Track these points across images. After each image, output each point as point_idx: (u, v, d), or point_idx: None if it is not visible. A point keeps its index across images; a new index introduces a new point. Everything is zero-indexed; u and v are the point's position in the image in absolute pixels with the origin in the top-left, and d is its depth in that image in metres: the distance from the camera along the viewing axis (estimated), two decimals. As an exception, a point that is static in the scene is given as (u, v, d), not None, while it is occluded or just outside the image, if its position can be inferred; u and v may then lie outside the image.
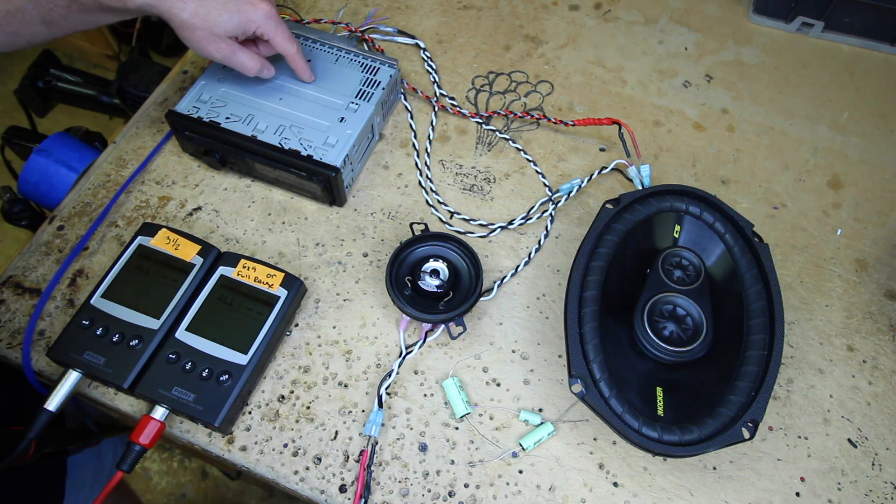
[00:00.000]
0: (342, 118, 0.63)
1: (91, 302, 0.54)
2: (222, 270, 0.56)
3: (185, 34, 0.54)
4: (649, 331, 0.52)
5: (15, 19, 0.53)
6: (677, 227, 0.58)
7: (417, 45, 0.77)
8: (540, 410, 0.55)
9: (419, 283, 0.57)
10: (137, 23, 1.66)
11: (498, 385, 0.56)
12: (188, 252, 0.57)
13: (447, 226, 0.65)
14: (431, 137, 0.70)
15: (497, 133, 0.71)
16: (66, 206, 0.64)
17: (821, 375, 0.58)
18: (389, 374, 0.55)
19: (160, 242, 0.57)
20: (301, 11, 0.80)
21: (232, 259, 0.57)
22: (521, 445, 0.53)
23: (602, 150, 0.71)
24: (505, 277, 0.61)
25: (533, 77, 0.76)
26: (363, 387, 0.56)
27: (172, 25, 0.54)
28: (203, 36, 0.54)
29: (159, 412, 0.51)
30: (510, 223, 0.64)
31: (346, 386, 0.56)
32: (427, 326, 0.58)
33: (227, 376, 0.51)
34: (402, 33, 0.78)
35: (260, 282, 0.56)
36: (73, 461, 0.71)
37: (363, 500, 0.51)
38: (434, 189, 0.67)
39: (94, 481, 0.70)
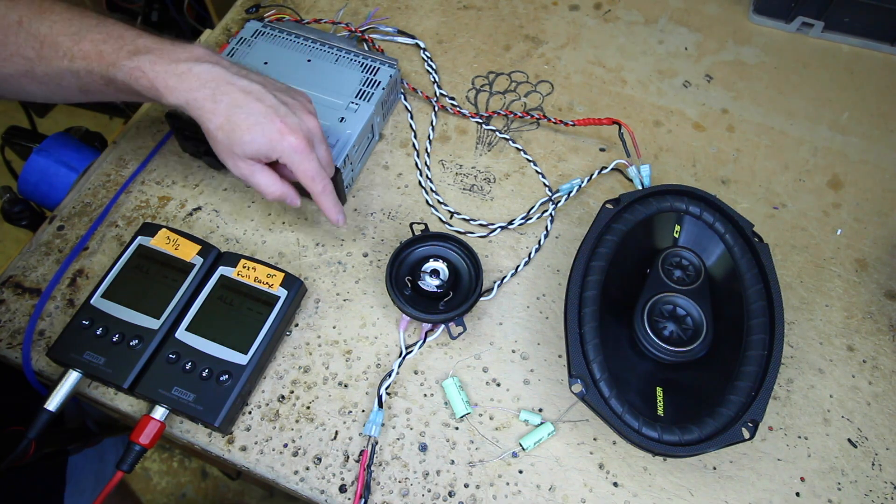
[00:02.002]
0: (342, 118, 0.63)
1: (91, 302, 0.54)
2: (222, 270, 0.56)
3: (210, 142, 0.52)
4: (649, 331, 0.52)
5: (53, 82, 0.52)
6: (677, 227, 0.58)
7: (417, 45, 0.77)
8: (540, 410, 0.55)
9: (419, 283, 0.57)
10: (137, 23, 1.66)
11: (498, 385, 0.56)
12: (188, 252, 0.57)
13: (447, 226, 0.65)
14: (431, 137, 0.70)
15: (497, 133, 0.71)
16: (66, 206, 0.64)
17: (821, 375, 0.58)
18: (389, 374, 0.55)
19: (160, 242, 0.57)
20: (301, 11, 0.80)
21: (232, 259, 0.57)
22: (521, 445, 0.53)
23: (602, 150, 0.71)
24: (505, 277, 0.61)
25: (533, 77, 0.76)
26: (363, 387, 0.56)
27: (204, 131, 0.52)
28: (224, 151, 0.51)
29: (159, 412, 0.51)
30: (510, 223, 0.64)
31: (346, 386, 0.56)
32: (427, 326, 0.58)
33: (227, 376, 0.51)
34: (402, 33, 0.78)
35: (260, 282, 0.56)
36: (74, 463, 0.71)
37: (363, 500, 0.51)
38: (434, 189, 0.67)
39: (96, 483, 0.70)
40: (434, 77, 0.74)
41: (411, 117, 0.71)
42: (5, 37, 0.49)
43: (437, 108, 0.72)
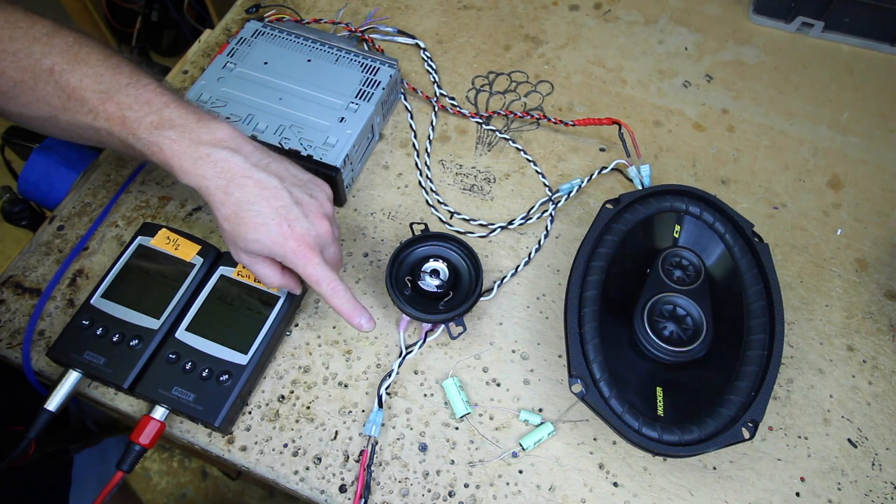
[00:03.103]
0: (342, 118, 0.63)
1: (91, 302, 0.54)
2: (222, 270, 0.56)
3: (218, 227, 0.51)
4: (649, 331, 0.52)
5: (75, 133, 0.51)
6: (677, 227, 0.58)
7: (417, 45, 0.77)
8: (540, 410, 0.55)
9: (419, 283, 0.57)
10: (137, 23, 1.66)
11: (498, 385, 0.56)
12: (188, 252, 0.57)
13: (447, 226, 0.65)
14: (431, 137, 0.70)
15: (497, 133, 0.71)
16: (66, 206, 0.64)
17: (821, 375, 0.58)
18: (389, 374, 0.55)
19: (160, 242, 0.57)
20: (301, 11, 0.80)
21: (232, 259, 0.57)
22: (521, 445, 0.53)
23: (602, 150, 0.71)
24: (505, 277, 0.61)
25: (533, 77, 0.76)
26: (363, 387, 0.56)
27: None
28: (228, 239, 0.50)
29: (159, 412, 0.51)
30: (510, 223, 0.64)
31: (346, 386, 0.56)
32: (427, 326, 0.58)
33: (227, 376, 0.51)
34: (402, 33, 0.78)
35: (260, 282, 0.56)
36: (78, 463, 0.71)
37: (363, 500, 0.51)
38: (434, 189, 0.67)
39: (99, 483, 0.70)
40: (434, 77, 0.74)
41: (411, 117, 0.71)
42: (35, 83, 0.48)
43: (437, 108, 0.72)
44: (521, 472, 0.53)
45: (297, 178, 0.52)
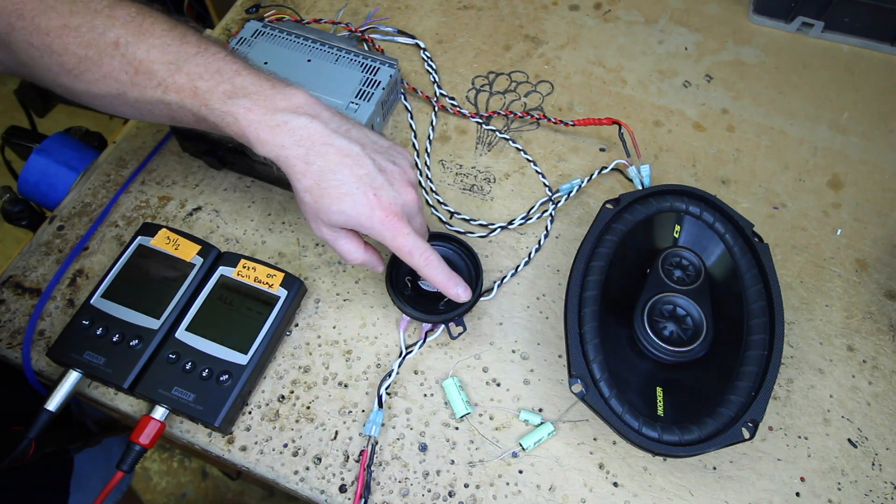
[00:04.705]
0: (342, 118, 0.63)
1: (91, 302, 0.54)
2: (222, 270, 0.56)
3: (297, 199, 0.48)
4: (649, 331, 0.52)
5: (145, 108, 0.48)
6: (677, 227, 0.58)
7: (417, 45, 0.77)
8: (540, 410, 0.55)
9: (419, 283, 0.57)
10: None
11: (498, 385, 0.56)
12: (188, 252, 0.57)
13: (447, 226, 0.65)
14: (431, 137, 0.70)
15: (497, 133, 0.71)
16: (66, 206, 0.64)
17: (821, 375, 0.58)
18: (389, 374, 0.55)
19: (160, 242, 0.57)
20: (301, 11, 0.80)
21: (232, 259, 0.57)
22: (521, 445, 0.53)
23: (602, 150, 0.71)
24: (505, 277, 0.61)
25: (533, 77, 0.76)
26: (363, 387, 0.56)
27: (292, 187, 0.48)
28: (309, 213, 0.48)
29: (159, 412, 0.51)
30: (510, 223, 0.64)
31: (346, 386, 0.56)
32: (427, 326, 0.58)
33: (227, 376, 0.51)
34: (402, 33, 0.78)
35: (260, 282, 0.56)
36: (81, 464, 0.71)
37: (363, 500, 0.51)
38: (434, 189, 0.67)
39: (103, 485, 0.70)
40: (434, 77, 0.74)
41: (411, 117, 0.71)
42: (100, 57, 0.46)
43: (437, 108, 0.72)
44: (521, 472, 0.53)
45: (377, 144, 0.49)
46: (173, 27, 0.47)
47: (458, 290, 0.49)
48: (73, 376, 0.52)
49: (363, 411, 0.55)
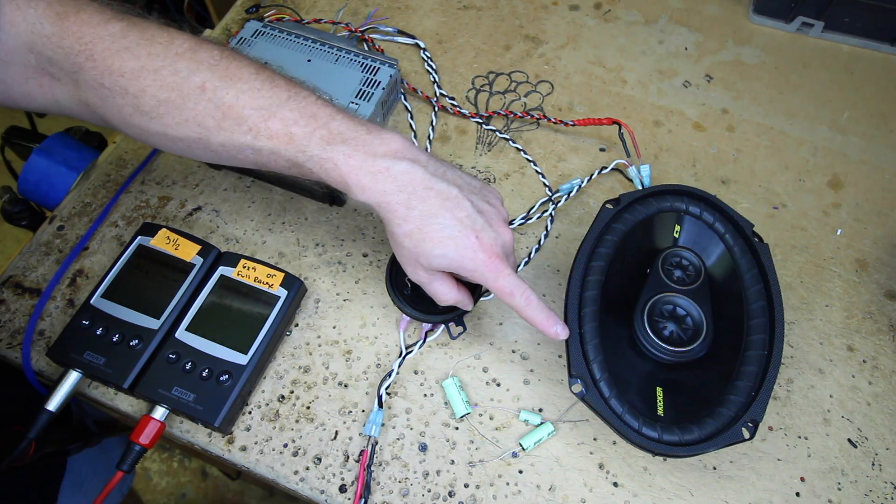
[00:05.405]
0: (342, 118, 0.63)
1: (91, 302, 0.54)
2: (222, 270, 0.56)
3: (392, 245, 0.48)
4: (649, 331, 0.52)
5: (229, 154, 0.47)
6: (677, 227, 0.58)
7: (417, 45, 0.77)
8: (540, 410, 0.55)
9: (419, 283, 0.57)
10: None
11: (498, 385, 0.56)
12: (188, 252, 0.57)
13: (447, 226, 0.64)
14: (431, 137, 0.70)
15: (497, 133, 0.71)
16: (66, 206, 0.64)
17: (821, 375, 0.58)
18: (389, 374, 0.55)
19: (160, 242, 0.57)
20: (301, 11, 0.80)
21: (232, 259, 0.57)
22: (521, 445, 0.53)
23: (602, 150, 0.71)
24: (505, 277, 0.61)
25: (533, 77, 0.76)
26: (363, 387, 0.56)
27: (387, 232, 0.48)
28: (407, 257, 0.47)
29: (159, 412, 0.51)
30: (510, 223, 0.64)
31: (346, 386, 0.56)
32: (427, 326, 0.58)
33: (227, 376, 0.51)
34: (402, 33, 0.78)
35: (260, 282, 0.56)
36: (81, 465, 0.71)
37: (363, 500, 0.51)
38: (434, 189, 0.67)
39: (104, 485, 0.70)
40: (434, 77, 0.74)
41: (411, 117, 0.71)
42: (183, 101, 0.45)
43: (437, 108, 0.72)
44: (521, 472, 0.53)
45: (472, 185, 0.49)
46: (260, 70, 0.46)
47: (556, 329, 0.48)
48: (73, 376, 0.52)
49: (363, 411, 0.55)
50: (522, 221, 0.65)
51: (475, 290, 0.55)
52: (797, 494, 0.53)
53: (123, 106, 0.46)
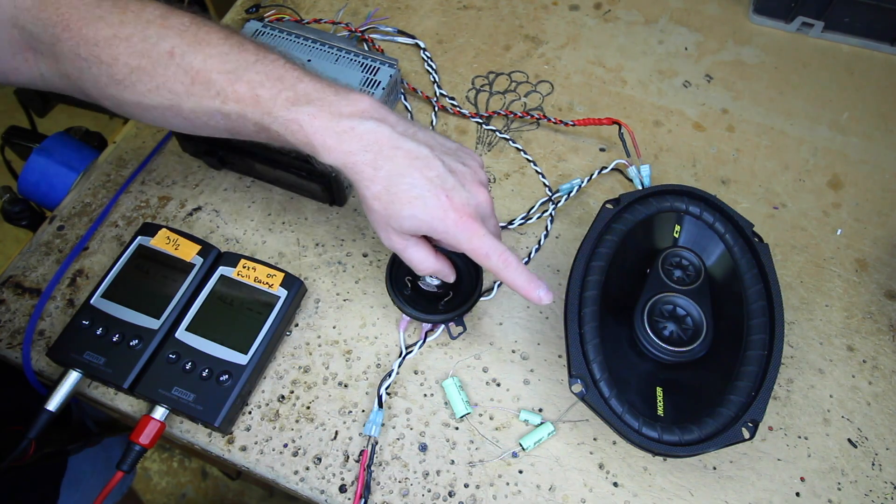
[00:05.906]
0: (342, 118, 0.63)
1: (91, 302, 0.54)
2: (222, 270, 0.56)
3: (364, 209, 0.46)
4: (649, 331, 0.52)
5: (200, 120, 0.47)
6: (677, 227, 0.58)
7: (417, 45, 0.77)
8: (540, 410, 0.55)
9: (419, 283, 0.57)
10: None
11: (498, 385, 0.56)
12: (188, 252, 0.57)
13: (447, 226, 0.64)
14: (431, 137, 0.70)
15: (497, 133, 0.71)
16: (66, 206, 0.64)
17: (821, 375, 0.58)
18: (389, 374, 0.55)
19: (160, 242, 0.57)
20: (301, 11, 0.80)
21: (232, 259, 0.57)
22: (521, 445, 0.53)
23: (602, 150, 0.71)
24: (505, 277, 0.61)
25: (533, 77, 0.76)
26: (363, 387, 0.56)
27: (358, 196, 0.46)
28: (378, 221, 0.46)
29: (159, 412, 0.51)
30: (510, 223, 0.64)
31: (346, 386, 0.56)
32: (427, 326, 0.58)
33: (227, 376, 0.51)
34: (402, 33, 0.78)
35: (260, 282, 0.56)
36: (82, 465, 0.71)
37: (363, 500, 0.51)
38: (434, 189, 0.67)
39: (104, 485, 0.70)
40: (434, 77, 0.74)
41: (411, 117, 0.71)
42: (153, 67, 0.44)
43: (437, 108, 0.72)
44: (521, 472, 0.53)
45: (445, 146, 0.48)
46: (229, 35, 0.46)
47: (539, 293, 0.46)
48: (73, 376, 0.52)
49: (363, 411, 0.55)
50: (522, 221, 0.65)
51: (477, 279, 0.55)
52: (797, 494, 0.53)
53: (99, 76, 0.46)
